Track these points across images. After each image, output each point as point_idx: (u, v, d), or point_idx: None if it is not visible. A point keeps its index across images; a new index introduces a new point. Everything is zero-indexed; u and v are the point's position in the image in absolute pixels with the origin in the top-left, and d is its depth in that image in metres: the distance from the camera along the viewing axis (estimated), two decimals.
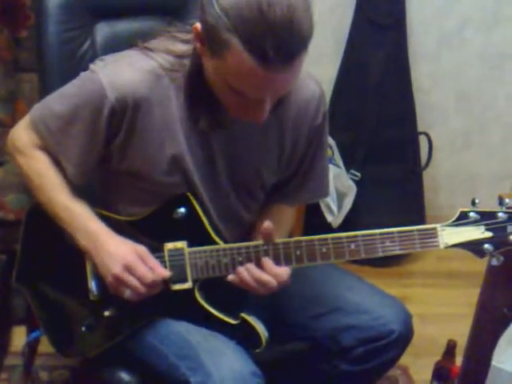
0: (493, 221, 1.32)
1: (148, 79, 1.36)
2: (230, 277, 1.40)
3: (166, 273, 1.39)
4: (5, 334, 2.25)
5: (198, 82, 1.33)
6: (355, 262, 2.36)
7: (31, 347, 1.96)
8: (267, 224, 1.37)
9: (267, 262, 1.38)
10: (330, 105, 2.84)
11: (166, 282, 1.41)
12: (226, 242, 1.45)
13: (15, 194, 2.14)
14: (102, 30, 1.70)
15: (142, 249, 1.40)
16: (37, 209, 1.50)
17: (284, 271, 1.38)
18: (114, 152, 1.40)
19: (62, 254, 1.51)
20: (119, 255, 1.37)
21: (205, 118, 1.36)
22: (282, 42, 1.15)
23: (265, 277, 1.37)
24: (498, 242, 1.32)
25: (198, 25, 1.24)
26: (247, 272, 1.38)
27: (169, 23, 1.57)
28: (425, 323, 2.45)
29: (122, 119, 1.36)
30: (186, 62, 1.37)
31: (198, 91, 1.35)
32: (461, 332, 1.93)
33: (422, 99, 2.98)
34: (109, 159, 1.42)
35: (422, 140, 2.97)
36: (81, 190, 1.46)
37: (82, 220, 1.41)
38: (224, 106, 1.33)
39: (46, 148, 1.44)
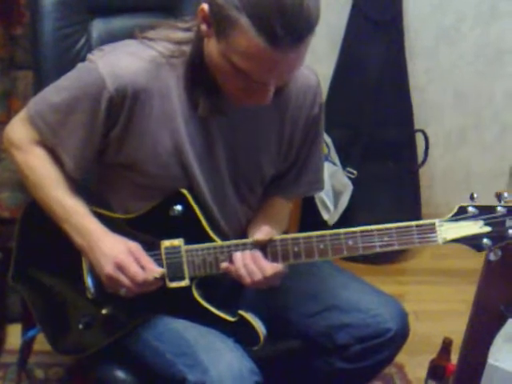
0: (491, 215, 1.31)
1: (148, 69, 1.35)
2: (224, 264, 1.40)
3: (158, 271, 1.39)
4: (0, 332, 2.24)
5: (199, 68, 1.33)
6: (350, 258, 2.37)
7: (27, 345, 1.95)
8: (263, 235, 1.38)
9: (256, 253, 1.38)
10: (326, 102, 2.84)
11: (163, 280, 1.40)
12: (223, 238, 1.45)
13: (10, 191, 2.13)
14: (98, 27, 1.70)
15: (136, 246, 1.39)
16: (32, 207, 1.49)
17: (271, 267, 1.38)
18: (112, 143, 1.40)
19: (58, 251, 1.51)
20: (111, 254, 1.37)
21: (204, 103, 1.36)
22: (291, 22, 1.16)
23: (251, 266, 1.37)
24: (496, 236, 1.32)
25: (205, 6, 1.24)
26: (241, 257, 1.38)
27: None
28: (420, 320, 2.46)
29: (120, 109, 1.35)
30: (186, 48, 1.36)
31: (199, 76, 1.34)
32: (456, 329, 1.93)
33: (419, 96, 2.99)
34: (106, 151, 1.42)
35: (419, 138, 2.97)
36: (77, 188, 1.45)
37: (77, 217, 1.41)
38: (226, 92, 1.33)
39: (43, 142, 1.43)
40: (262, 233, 1.39)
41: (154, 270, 1.38)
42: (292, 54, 1.20)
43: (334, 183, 2.73)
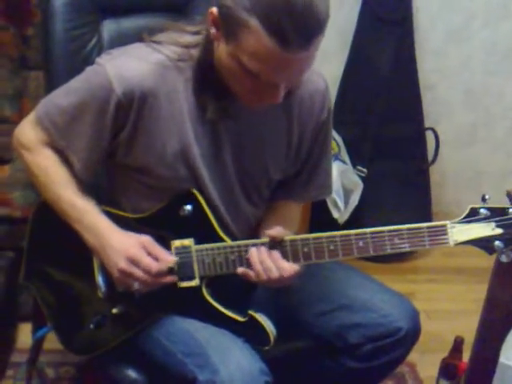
0: (503, 217, 1.30)
1: (155, 72, 1.36)
2: (240, 269, 1.39)
3: (171, 259, 1.39)
4: (11, 331, 2.25)
5: (208, 71, 1.33)
6: (360, 257, 2.36)
7: (37, 344, 1.96)
8: (276, 232, 1.38)
9: (275, 254, 1.38)
10: (337, 101, 2.85)
11: (176, 274, 1.40)
12: (233, 238, 1.45)
13: (22, 190, 2.14)
14: (109, 28, 1.70)
15: (146, 239, 1.39)
16: (43, 207, 1.50)
17: (290, 267, 1.37)
18: (120, 145, 1.40)
19: (69, 250, 1.51)
20: (122, 249, 1.37)
21: (212, 106, 1.36)
22: (301, 23, 1.16)
23: (269, 263, 1.37)
24: (508, 238, 1.30)
25: (214, 9, 1.25)
26: (257, 252, 1.37)
27: (174, 20, 1.57)
28: (431, 319, 2.45)
29: (128, 112, 1.36)
30: (194, 52, 1.37)
31: (208, 79, 1.35)
32: (467, 328, 1.92)
33: (429, 95, 2.98)
34: (115, 153, 1.42)
35: (429, 136, 2.96)
36: (88, 188, 1.46)
37: (88, 216, 1.41)
38: (237, 94, 1.33)
39: (52, 144, 1.44)
40: (275, 230, 1.39)
41: (168, 259, 1.38)
42: (302, 54, 1.20)
43: (345, 182, 2.73)
